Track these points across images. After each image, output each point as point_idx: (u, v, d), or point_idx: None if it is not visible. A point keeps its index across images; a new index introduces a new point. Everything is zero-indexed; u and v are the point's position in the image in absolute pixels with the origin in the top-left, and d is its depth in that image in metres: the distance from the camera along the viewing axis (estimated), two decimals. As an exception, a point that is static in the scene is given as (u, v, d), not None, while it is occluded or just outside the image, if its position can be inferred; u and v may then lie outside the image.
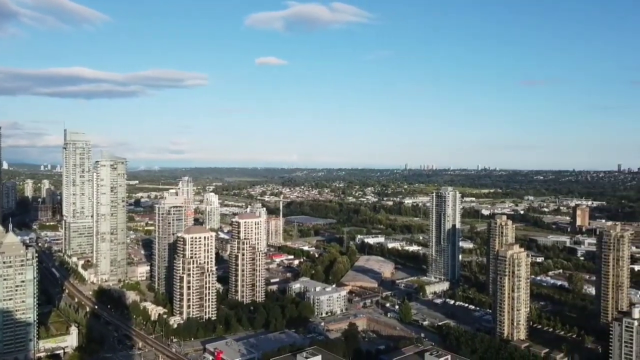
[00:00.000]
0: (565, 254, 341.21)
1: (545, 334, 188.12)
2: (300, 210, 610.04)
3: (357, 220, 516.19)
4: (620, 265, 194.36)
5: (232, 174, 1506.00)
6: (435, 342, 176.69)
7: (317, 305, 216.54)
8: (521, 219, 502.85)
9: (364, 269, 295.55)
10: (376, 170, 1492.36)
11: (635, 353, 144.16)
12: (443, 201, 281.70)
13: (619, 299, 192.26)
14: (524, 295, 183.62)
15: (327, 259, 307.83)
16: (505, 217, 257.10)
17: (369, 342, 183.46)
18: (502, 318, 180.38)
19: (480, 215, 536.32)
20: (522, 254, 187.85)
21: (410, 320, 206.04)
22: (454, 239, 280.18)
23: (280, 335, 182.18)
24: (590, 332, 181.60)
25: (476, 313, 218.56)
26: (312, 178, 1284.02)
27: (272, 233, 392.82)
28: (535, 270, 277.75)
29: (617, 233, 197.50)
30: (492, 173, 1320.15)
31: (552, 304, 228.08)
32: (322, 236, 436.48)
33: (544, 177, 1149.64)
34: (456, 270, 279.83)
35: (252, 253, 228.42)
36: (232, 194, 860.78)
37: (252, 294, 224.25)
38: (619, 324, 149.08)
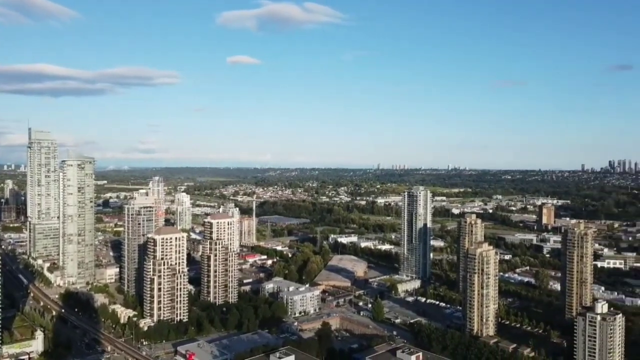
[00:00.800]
0: (532, 251, 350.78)
1: (513, 330, 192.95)
2: (273, 210, 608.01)
3: (331, 220, 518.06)
4: (584, 261, 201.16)
5: (204, 173, 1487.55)
6: (407, 339, 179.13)
7: (290, 305, 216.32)
8: (490, 217, 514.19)
9: (337, 268, 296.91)
10: (349, 170, 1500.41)
11: (598, 347, 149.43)
12: (414, 200, 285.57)
13: (583, 295, 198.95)
14: (492, 292, 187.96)
15: (300, 258, 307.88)
16: (474, 216, 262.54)
17: (342, 341, 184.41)
18: (471, 315, 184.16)
19: (450, 214, 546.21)
20: (490, 252, 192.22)
21: (382, 319, 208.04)
22: (425, 238, 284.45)
23: (253, 336, 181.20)
24: (556, 327, 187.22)
25: (447, 310, 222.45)
26: (286, 178, 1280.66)
27: (245, 233, 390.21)
28: (504, 267, 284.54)
29: (580, 231, 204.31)
30: (462, 173, 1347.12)
31: (519, 300, 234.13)
32: (295, 236, 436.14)
33: (511, 176, 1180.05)
34: (427, 268, 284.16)
35: (225, 253, 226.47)
36: (204, 194, 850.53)
37: (224, 295, 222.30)
38: (583, 318, 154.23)
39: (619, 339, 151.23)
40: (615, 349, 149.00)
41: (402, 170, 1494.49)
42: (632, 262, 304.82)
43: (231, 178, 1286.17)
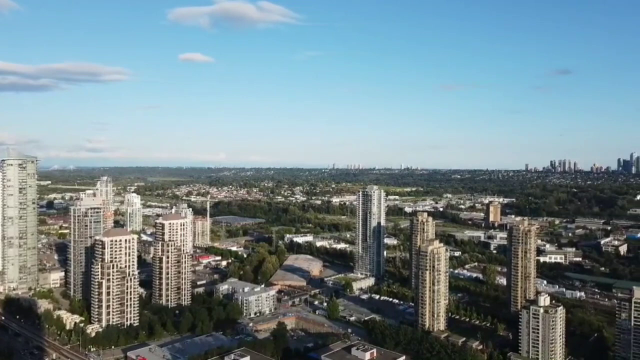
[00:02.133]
0: (480, 247, 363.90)
1: (462, 324, 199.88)
2: (228, 210, 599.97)
3: (286, 220, 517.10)
4: (528, 257, 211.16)
5: (155, 173, 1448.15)
6: (362, 336, 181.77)
7: (245, 306, 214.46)
8: (441, 215, 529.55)
9: (293, 267, 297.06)
10: (305, 169, 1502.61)
11: (541, 338, 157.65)
12: (369, 200, 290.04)
13: (527, 289, 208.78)
14: (443, 288, 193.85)
15: (255, 259, 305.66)
16: (426, 214, 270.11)
17: (298, 340, 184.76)
18: (423, 310, 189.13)
19: (403, 212, 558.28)
20: (441, 249, 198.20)
21: (337, 317, 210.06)
22: (379, 236, 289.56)
23: (207, 339, 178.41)
24: (502, 320, 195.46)
25: (400, 307, 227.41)
26: (241, 177, 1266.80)
27: (198, 234, 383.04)
28: (453, 264, 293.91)
29: (524, 228, 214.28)
30: (414, 172, 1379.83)
31: (468, 295, 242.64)
32: (250, 236, 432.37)
33: (461, 176, 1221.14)
34: (381, 266, 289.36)
35: (177, 255, 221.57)
36: (155, 194, 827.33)
37: (177, 298, 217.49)
38: (527, 311, 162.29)
39: (560, 329, 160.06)
40: (556, 340, 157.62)
41: (356, 170, 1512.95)
42: (571, 257, 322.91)
43: (184, 178, 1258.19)
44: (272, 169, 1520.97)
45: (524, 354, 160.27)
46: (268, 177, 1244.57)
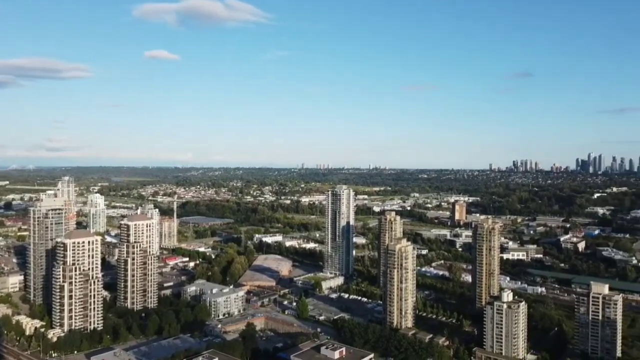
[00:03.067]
0: (446, 245, 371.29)
1: (429, 321, 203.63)
2: (196, 210, 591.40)
3: (255, 220, 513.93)
4: (492, 254, 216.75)
5: (120, 173, 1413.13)
6: (331, 335, 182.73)
7: (214, 307, 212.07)
8: (408, 214, 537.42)
9: (262, 268, 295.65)
10: (274, 169, 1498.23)
11: (505, 333, 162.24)
12: (338, 199, 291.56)
13: (491, 285, 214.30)
14: (410, 285, 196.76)
15: (224, 259, 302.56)
16: (394, 214, 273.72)
17: (267, 340, 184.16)
18: (391, 308, 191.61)
19: (372, 212, 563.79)
20: (408, 248, 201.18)
21: (307, 316, 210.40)
22: (348, 235, 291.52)
23: (175, 341, 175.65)
24: (468, 316, 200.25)
25: (369, 305, 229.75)
26: (209, 177, 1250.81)
27: (165, 235, 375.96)
28: (421, 262, 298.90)
29: (489, 226, 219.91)
30: (382, 172, 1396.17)
31: (435, 293, 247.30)
32: (219, 237, 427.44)
33: (427, 175, 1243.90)
34: (350, 265, 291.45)
35: (143, 257, 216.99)
36: (120, 194, 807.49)
37: (143, 300, 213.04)
38: (491, 307, 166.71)
39: (523, 324, 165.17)
40: (519, 334, 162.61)
41: (326, 169, 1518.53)
42: (533, 254, 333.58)
43: (150, 178, 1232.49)
44: (241, 169, 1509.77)
45: (488, 348, 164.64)
46: (237, 177, 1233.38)
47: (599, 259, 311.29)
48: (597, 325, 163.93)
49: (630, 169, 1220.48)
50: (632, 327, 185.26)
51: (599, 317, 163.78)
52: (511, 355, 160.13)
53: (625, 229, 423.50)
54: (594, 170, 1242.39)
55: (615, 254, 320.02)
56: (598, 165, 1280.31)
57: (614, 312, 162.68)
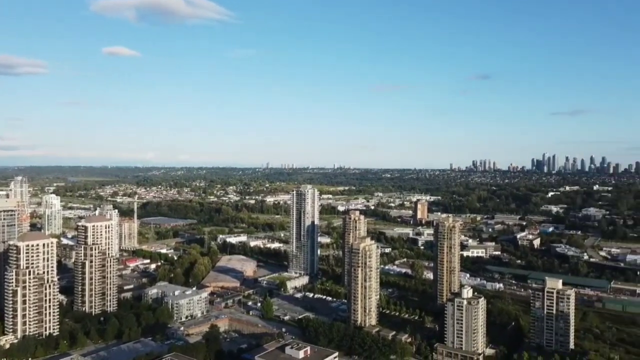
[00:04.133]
0: (409, 244, 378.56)
1: (392, 318, 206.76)
2: (157, 211, 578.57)
3: (219, 220, 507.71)
4: (453, 252, 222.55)
5: (77, 173, 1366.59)
6: (296, 335, 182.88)
7: (176, 309, 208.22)
8: (372, 213, 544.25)
9: (226, 268, 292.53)
10: (238, 168, 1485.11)
11: (465, 328, 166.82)
12: (303, 199, 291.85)
13: (452, 282, 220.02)
14: (374, 284, 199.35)
15: (187, 260, 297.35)
16: (358, 213, 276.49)
17: (231, 342, 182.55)
18: (355, 306, 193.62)
19: (336, 211, 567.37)
20: (372, 246, 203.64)
21: (272, 317, 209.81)
22: (313, 235, 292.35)
23: (136, 345, 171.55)
24: (430, 313, 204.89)
25: (333, 304, 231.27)
26: (171, 177, 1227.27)
27: (125, 236, 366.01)
28: (384, 260, 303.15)
29: (449, 224, 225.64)
30: (346, 171, 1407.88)
31: (398, 290, 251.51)
32: (181, 237, 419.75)
33: (391, 175, 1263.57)
34: (315, 264, 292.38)
35: (102, 259, 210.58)
36: (77, 195, 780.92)
37: (102, 304, 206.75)
38: (452, 303, 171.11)
39: (482, 319, 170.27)
40: (478, 329, 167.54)
41: (290, 169, 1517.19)
42: (491, 251, 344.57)
43: (109, 178, 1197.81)
44: (204, 169, 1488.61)
45: (449, 344, 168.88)
46: (200, 176, 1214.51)
47: (553, 255, 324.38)
48: (552, 319, 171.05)
49: (582, 169, 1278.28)
50: (583, 320, 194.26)
51: (553, 311, 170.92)
52: (471, 349, 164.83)
53: (577, 226, 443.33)
54: (549, 170, 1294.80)
55: (568, 250, 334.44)
56: (552, 165, 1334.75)
57: (567, 306, 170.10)
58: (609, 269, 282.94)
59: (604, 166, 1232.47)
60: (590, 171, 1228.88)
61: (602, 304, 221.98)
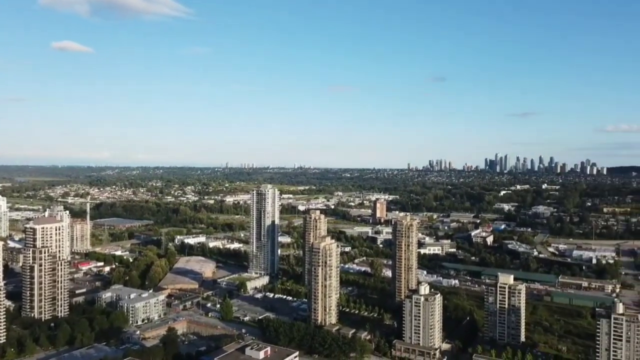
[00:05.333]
0: (368, 242, 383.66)
1: (352, 316, 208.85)
2: (111, 212, 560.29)
3: (177, 221, 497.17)
4: (410, 249, 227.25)
5: (24, 173, 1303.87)
6: (256, 336, 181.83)
7: (131, 313, 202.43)
8: (332, 213, 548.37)
9: (184, 270, 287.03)
10: (196, 168, 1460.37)
11: (422, 324, 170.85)
12: (263, 198, 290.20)
13: (410, 279, 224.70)
14: (334, 282, 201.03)
15: (143, 263, 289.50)
16: (318, 212, 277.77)
17: (190, 344, 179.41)
18: (316, 306, 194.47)
19: (297, 210, 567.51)
20: (333, 245, 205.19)
21: (231, 318, 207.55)
22: (273, 235, 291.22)
23: (89, 351, 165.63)
24: (388, 310, 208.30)
25: (294, 303, 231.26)
26: (126, 177, 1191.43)
27: (77, 239, 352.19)
28: (344, 259, 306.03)
29: (407, 223, 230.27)
30: (307, 171, 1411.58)
31: (357, 289, 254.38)
32: (137, 239, 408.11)
33: (350, 174, 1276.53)
34: (275, 264, 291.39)
35: (52, 262, 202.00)
36: (25, 196, 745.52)
37: (52, 309, 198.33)
38: (410, 300, 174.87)
39: (438, 315, 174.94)
40: (435, 325, 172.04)
41: (250, 169, 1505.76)
42: (447, 248, 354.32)
43: (60, 178, 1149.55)
44: (161, 168, 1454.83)
45: (407, 340, 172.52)
46: (156, 176, 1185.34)
47: (505, 252, 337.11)
48: (504, 313, 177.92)
49: (531, 168, 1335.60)
50: (533, 314, 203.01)
51: (505, 305, 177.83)
52: (428, 345, 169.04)
53: (528, 224, 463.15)
54: (501, 170, 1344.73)
55: (519, 246, 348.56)
56: (504, 164, 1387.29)
57: (518, 301, 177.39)
58: (556, 264, 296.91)
59: (552, 166, 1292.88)
60: (540, 171, 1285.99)
61: (551, 298, 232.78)
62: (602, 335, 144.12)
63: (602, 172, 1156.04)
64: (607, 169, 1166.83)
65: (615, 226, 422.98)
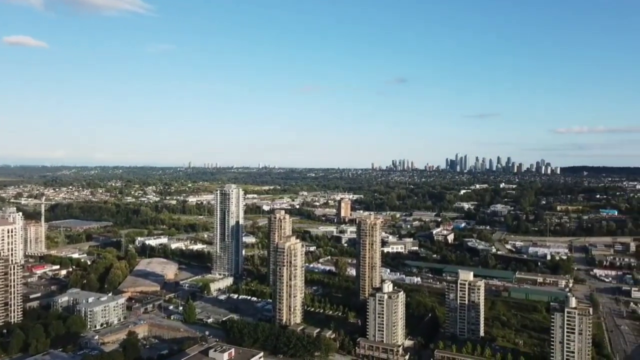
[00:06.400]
0: (333, 242, 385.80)
1: (317, 315, 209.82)
2: (68, 213, 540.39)
3: (137, 222, 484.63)
4: (374, 248, 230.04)
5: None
6: (220, 337, 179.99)
7: (90, 317, 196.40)
8: (297, 212, 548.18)
9: (146, 272, 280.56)
10: (158, 168, 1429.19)
11: (385, 321, 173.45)
12: (227, 198, 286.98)
13: (374, 277, 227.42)
14: (299, 282, 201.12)
15: (102, 265, 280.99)
16: (283, 212, 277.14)
17: (151, 348, 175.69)
18: (281, 306, 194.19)
19: (261, 210, 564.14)
20: (297, 245, 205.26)
21: (194, 320, 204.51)
22: (238, 235, 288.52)
23: (44, 357, 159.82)
24: (353, 309, 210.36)
25: (258, 304, 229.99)
26: (83, 177, 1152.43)
27: (31, 241, 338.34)
28: (309, 258, 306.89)
29: (371, 222, 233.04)
30: (272, 171, 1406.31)
31: (322, 288, 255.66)
32: (96, 241, 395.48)
33: (315, 174, 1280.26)
34: (240, 265, 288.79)
35: (4, 266, 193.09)
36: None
37: (5, 315, 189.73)
38: (373, 298, 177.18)
39: (401, 312, 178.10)
40: (398, 322, 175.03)
41: (214, 168, 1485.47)
42: (410, 247, 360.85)
43: (12, 178, 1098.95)
44: (121, 168, 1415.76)
45: (371, 337, 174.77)
46: (116, 176, 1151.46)
47: (465, 249, 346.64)
48: (464, 309, 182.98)
49: (490, 168, 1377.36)
50: (492, 309, 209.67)
51: (465, 301, 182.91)
52: (391, 342, 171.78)
53: (486, 222, 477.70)
54: (461, 169, 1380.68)
55: (478, 244, 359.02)
56: (464, 164, 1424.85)
57: (477, 297, 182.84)
58: (513, 261, 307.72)
59: (509, 166, 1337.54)
60: (498, 170, 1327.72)
61: (508, 293, 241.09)
62: (556, 328, 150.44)
63: (556, 171, 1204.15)
64: (560, 169, 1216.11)
65: (568, 223, 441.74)
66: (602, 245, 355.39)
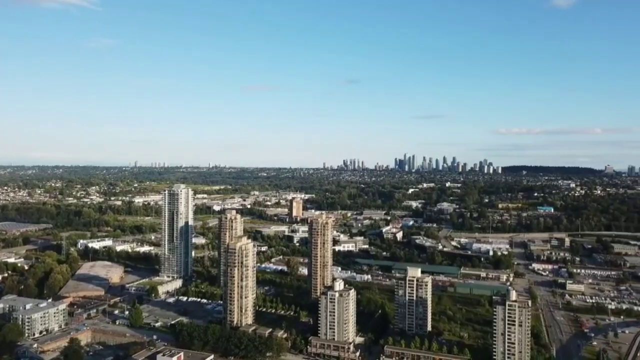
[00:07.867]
0: (285, 241, 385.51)
1: (269, 316, 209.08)
2: (3, 215, 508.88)
3: (80, 224, 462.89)
4: (326, 247, 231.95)
5: None
6: (169, 341, 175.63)
7: (27, 325, 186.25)
8: (249, 212, 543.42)
9: (88, 276, 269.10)
10: (102, 167, 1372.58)
11: (337, 319, 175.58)
12: (176, 199, 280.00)
13: (325, 276, 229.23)
14: (251, 283, 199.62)
15: (40, 270, 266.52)
16: (234, 212, 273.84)
17: (95, 355, 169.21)
18: (232, 307, 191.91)
19: (212, 211, 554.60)
20: (249, 245, 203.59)
21: (141, 324, 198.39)
22: (187, 236, 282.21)
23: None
24: (305, 308, 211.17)
25: (209, 306, 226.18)
26: (20, 177, 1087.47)
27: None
28: (260, 258, 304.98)
29: (322, 221, 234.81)
30: (222, 170, 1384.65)
31: (274, 287, 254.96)
32: (34, 244, 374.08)
33: (267, 174, 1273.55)
34: (189, 266, 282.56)
35: None
36: None
37: None
38: (325, 297, 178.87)
39: (352, 310, 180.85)
40: (349, 319, 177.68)
41: (162, 168, 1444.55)
42: (360, 245, 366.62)
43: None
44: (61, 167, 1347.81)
45: (322, 336, 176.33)
46: (56, 176, 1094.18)
47: (413, 247, 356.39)
48: (413, 305, 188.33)
49: (436, 168, 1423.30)
50: (439, 304, 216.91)
51: (414, 297, 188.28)
52: (343, 339, 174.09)
53: (433, 220, 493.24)
54: (409, 169, 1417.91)
55: (425, 241, 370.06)
56: (412, 164, 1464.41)
57: (425, 292, 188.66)
58: (459, 257, 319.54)
59: (455, 165, 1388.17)
60: (444, 170, 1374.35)
61: (454, 289, 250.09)
62: (498, 321, 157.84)
63: (498, 171, 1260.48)
64: (501, 168, 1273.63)
65: (509, 220, 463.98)
66: (539, 241, 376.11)
